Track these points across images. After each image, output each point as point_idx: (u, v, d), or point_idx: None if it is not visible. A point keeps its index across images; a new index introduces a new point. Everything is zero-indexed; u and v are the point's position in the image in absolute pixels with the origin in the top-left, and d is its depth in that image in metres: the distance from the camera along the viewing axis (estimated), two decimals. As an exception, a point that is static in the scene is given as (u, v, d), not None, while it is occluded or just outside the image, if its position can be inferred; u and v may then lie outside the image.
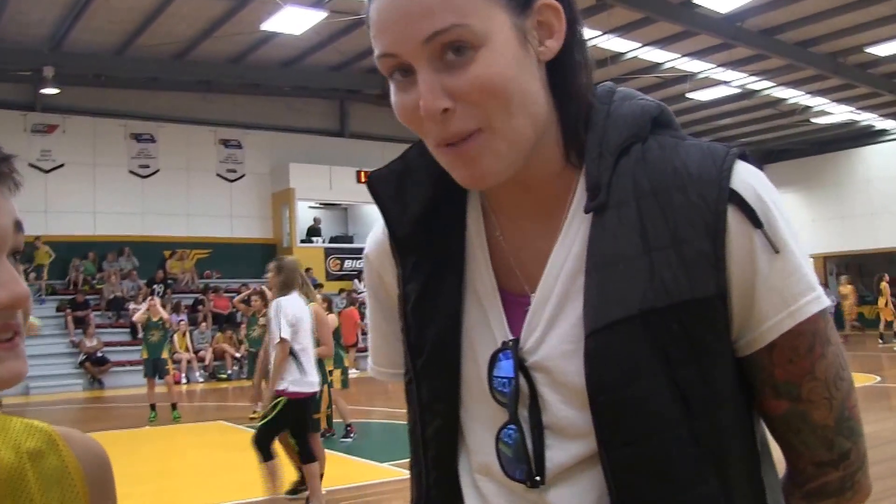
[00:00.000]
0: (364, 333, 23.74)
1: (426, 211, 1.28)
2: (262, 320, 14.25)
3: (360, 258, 28.78)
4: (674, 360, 1.09)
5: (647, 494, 1.10)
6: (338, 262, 29.96)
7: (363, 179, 15.64)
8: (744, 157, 1.16)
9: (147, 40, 22.48)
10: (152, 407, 15.07)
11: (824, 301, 1.14)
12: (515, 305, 1.23)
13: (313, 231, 30.69)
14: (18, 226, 0.98)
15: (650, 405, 1.09)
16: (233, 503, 8.35)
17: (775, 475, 1.24)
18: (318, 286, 21.52)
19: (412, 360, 1.29)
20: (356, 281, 28.46)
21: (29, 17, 20.87)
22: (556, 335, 1.17)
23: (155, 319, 15.43)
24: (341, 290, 27.38)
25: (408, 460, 1.37)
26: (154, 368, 15.30)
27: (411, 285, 1.29)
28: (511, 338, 1.21)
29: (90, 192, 26.60)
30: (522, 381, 1.18)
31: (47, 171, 25.95)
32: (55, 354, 22.97)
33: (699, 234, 1.10)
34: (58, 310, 24.49)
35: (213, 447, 12.46)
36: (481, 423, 1.25)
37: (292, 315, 7.51)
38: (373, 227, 1.42)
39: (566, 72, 1.19)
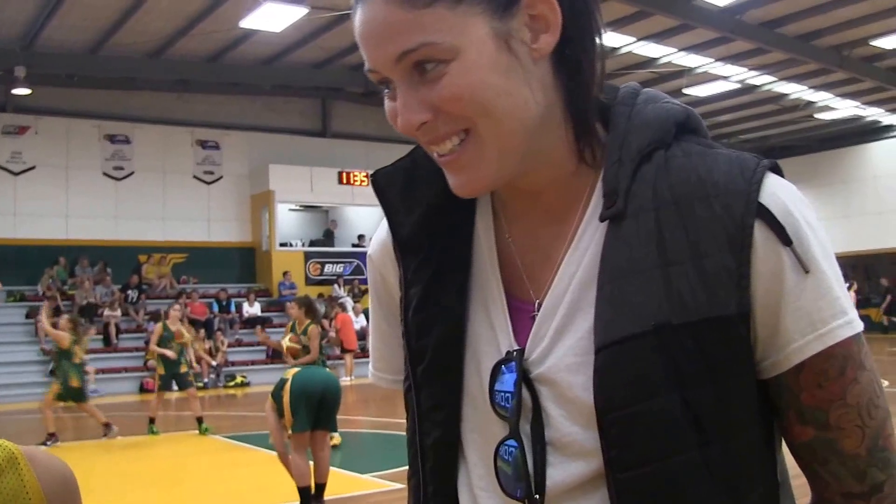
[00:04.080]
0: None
1: (433, 211, 1.26)
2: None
3: (341, 262, 29.20)
4: (688, 380, 1.05)
5: None
6: (318, 266, 29.48)
7: (345, 180, 15.93)
8: (775, 170, 1.12)
9: (122, 38, 22.14)
10: (152, 420, 14.49)
11: (857, 326, 1.09)
12: (523, 313, 1.20)
13: (328, 234, 30.65)
14: None
15: (661, 426, 1.06)
16: None
17: None
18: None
19: (412, 366, 1.27)
20: (336, 286, 28.10)
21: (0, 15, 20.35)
22: (563, 347, 1.14)
23: (173, 329, 14.71)
24: (320, 295, 27.01)
25: (392, 471, 0.93)
26: (171, 383, 14.60)
27: (414, 288, 1.26)
28: (516, 348, 1.17)
29: (63, 195, 26.10)
30: (526, 393, 1.15)
31: (17, 174, 25.60)
32: (24, 363, 22.58)
33: (722, 248, 1.07)
34: (27, 316, 24.09)
35: (193, 455, 12.32)
36: (482, 435, 1.21)
37: None
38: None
39: (568, 66, 1.14)
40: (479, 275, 1.24)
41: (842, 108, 30.41)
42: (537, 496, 1.14)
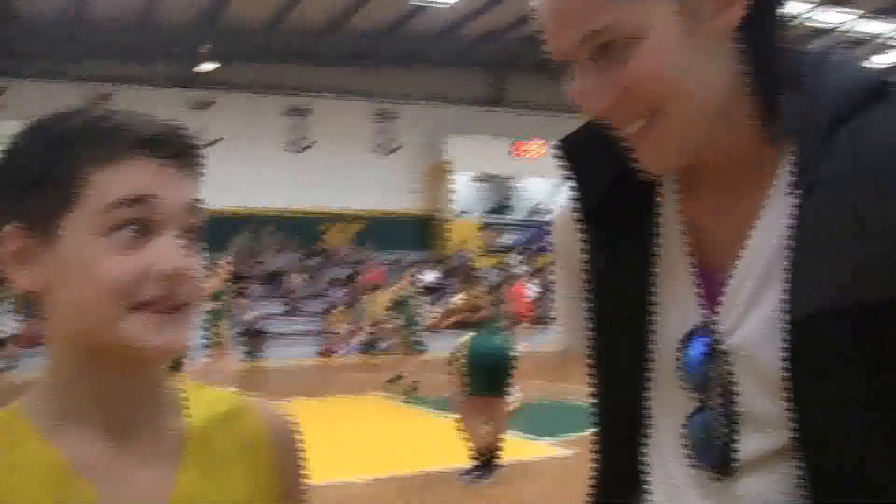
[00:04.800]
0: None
1: (618, 178, 1.21)
2: None
3: (516, 231, 29.25)
4: (880, 361, 1.01)
5: (840, 497, 1.04)
6: (493, 235, 29.62)
7: (521, 151, 15.81)
8: None
9: (301, 13, 22.64)
10: (397, 377, 14.63)
11: None
12: (711, 283, 1.16)
13: (503, 204, 30.74)
14: (194, 207, 1.04)
15: (850, 405, 1.02)
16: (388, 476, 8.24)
17: None
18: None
19: (598, 333, 1.26)
20: (510, 255, 28.18)
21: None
22: (755, 318, 1.10)
23: (405, 294, 14.91)
24: (495, 265, 27.12)
25: (566, 437, 0.95)
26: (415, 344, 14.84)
27: (599, 256, 1.25)
28: (706, 318, 1.15)
29: (247, 167, 26.96)
30: (716, 364, 1.12)
31: (204, 147, 26.30)
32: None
33: None
34: (217, 282, 24.84)
35: (372, 418, 12.53)
36: (669, 405, 1.20)
37: None
38: (555, 197, 1.39)
39: (754, 37, 1.09)
40: (666, 243, 1.21)
41: None
42: (728, 466, 1.13)
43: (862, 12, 22.16)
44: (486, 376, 7.93)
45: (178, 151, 1.03)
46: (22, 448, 0.99)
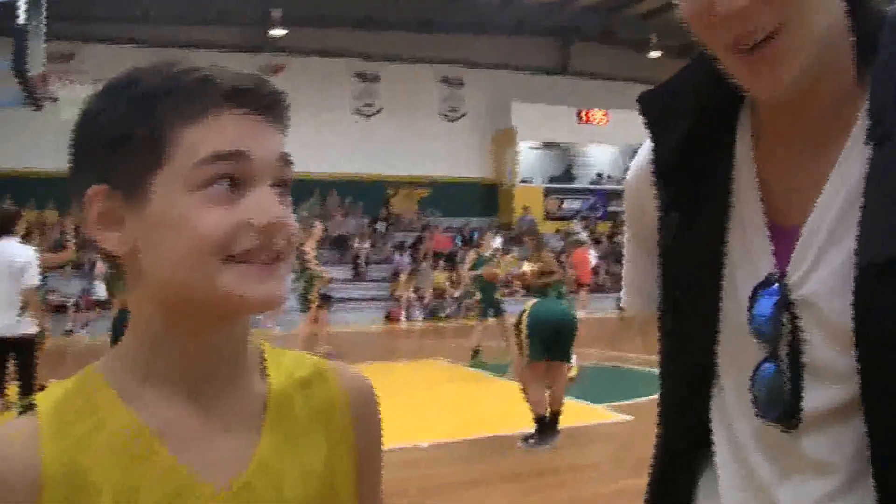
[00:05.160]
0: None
1: (694, 133, 1.23)
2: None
3: (578, 199, 29.18)
4: None
5: None
6: (557, 202, 29.62)
7: (584, 119, 15.66)
8: None
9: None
10: (476, 352, 14.32)
11: None
12: (784, 237, 1.16)
13: (567, 171, 30.72)
14: (285, 159, 1.03)
15: None
16: (457, 440, 8.35)
17: None
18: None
19: (670, 290, 1.27)
20: (574, 222, 28.12)
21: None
22: (825, 269, 1.10)
23: (487, 255, 14.42)
24: (558, 231, 27.04)
25: (624, 402, 0.98)
26: (489, 309, 14.33)
27: (673, 213, 1.25)
28: (776, 270, 1.15)
29: (315, 132, 27.08)
30: (785, 316, 1.13)
31: (274, 111, 26.62)
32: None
33: None
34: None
35: (434, 383, 12.56)
36: (738, 359, 1.20)
37: None
38: (633, 156, 1.38)
39: None
40: (740, 197, 1.21)
41: None
42: (793, 419, 1.13)
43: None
44: (549, 342, 7.94)
45: (267, 104, 1.01)
46: (102, 412, 0.98)
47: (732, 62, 1.08)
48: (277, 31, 24.46)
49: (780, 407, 1.14)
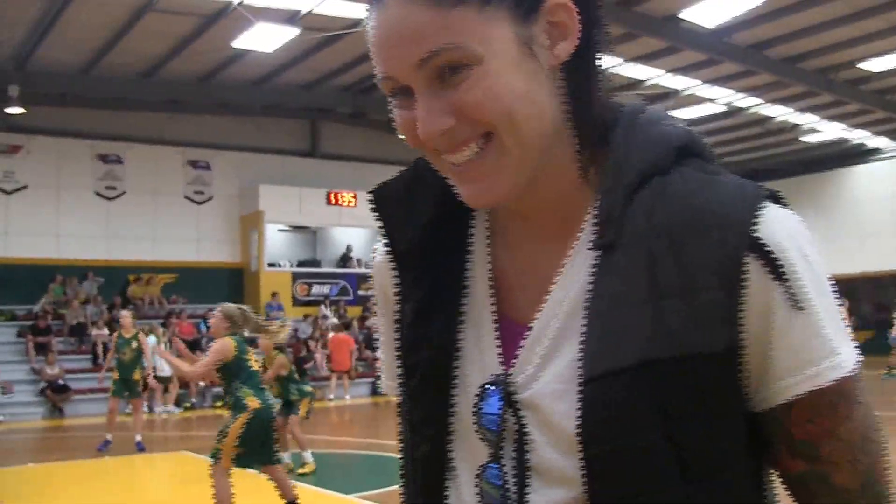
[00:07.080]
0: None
1: (430, 227, 1.24)
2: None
3: (328, 283, 29.19)
4: (675, 416, 1.03)
5: None
6: (305, 287, 29.48)
7: (333, 201, 15.82)
8: (776, 200, 1.08)
9: (114, 58, 22.18)
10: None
11: (848, 365, 1.05)
12: (515, 335, 1.17)
13: (346, 257, 30.66)
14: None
15: (644, 462, 1.03)
16: None
17: None
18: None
19: (405, 379, 1.26)
20: (322, 307, 28.14)
21: (-7, 35, 20.41)
22: (549, 373, 1.11)
23: (127, 336, 14.66)
24: (306, 316, 27.03)
25: (376, 491, 1.03)
26: (124, 388, 14.54)
27: (409, 303, 1.25)
28: (502, 371, 1.15)
29: (54, 215, 26.07)
30: (510, 417, 1.13)
31: (9, 193, 25.61)
32: (14, 382, 22.28)
33: (714, 283, 1.03)
34: (18, 335, 23.97)
35: (176, 480, 12.16)
36: (469, 455, 1.19)
37: None
38: (370, 248, 1.30)
39: (582, 76, 1.13)
40: (473, 293, 1.22)
41: (828, 130, 30.43)
42: None
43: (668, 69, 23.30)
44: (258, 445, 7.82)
45: None
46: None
47: (447, 172, 1.13)
48: (15, 109, 23.40)
49: None
